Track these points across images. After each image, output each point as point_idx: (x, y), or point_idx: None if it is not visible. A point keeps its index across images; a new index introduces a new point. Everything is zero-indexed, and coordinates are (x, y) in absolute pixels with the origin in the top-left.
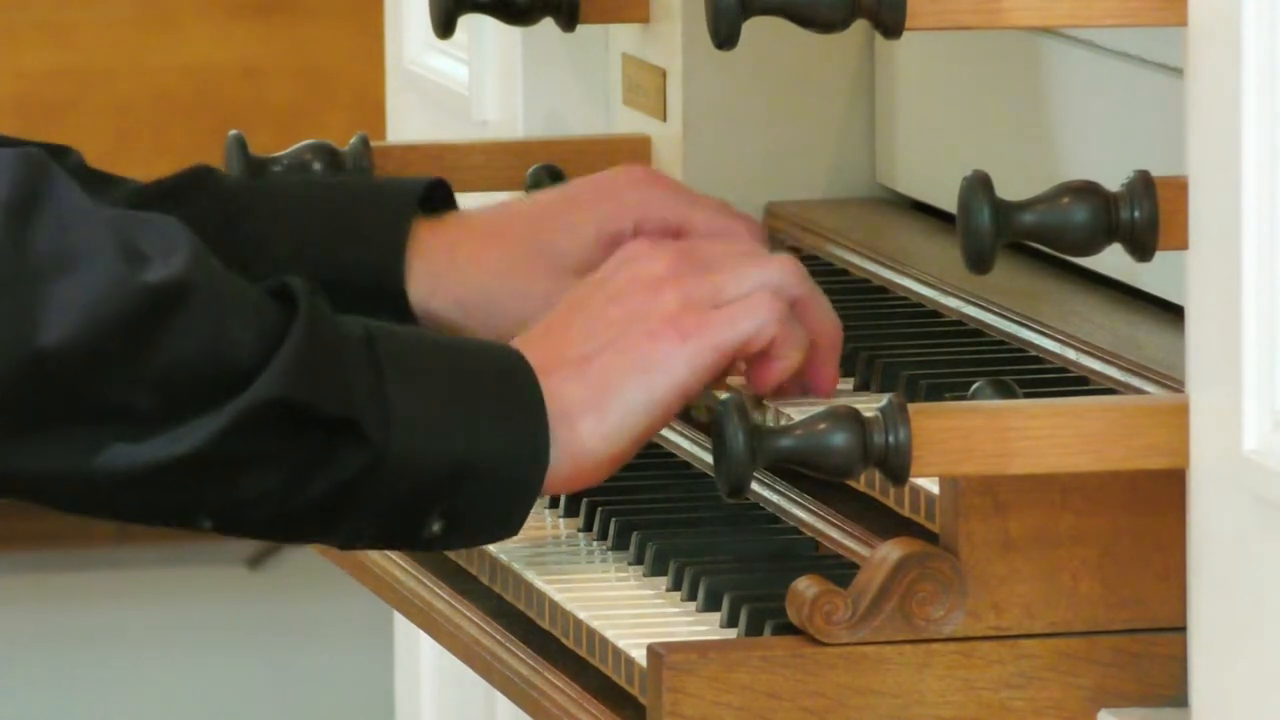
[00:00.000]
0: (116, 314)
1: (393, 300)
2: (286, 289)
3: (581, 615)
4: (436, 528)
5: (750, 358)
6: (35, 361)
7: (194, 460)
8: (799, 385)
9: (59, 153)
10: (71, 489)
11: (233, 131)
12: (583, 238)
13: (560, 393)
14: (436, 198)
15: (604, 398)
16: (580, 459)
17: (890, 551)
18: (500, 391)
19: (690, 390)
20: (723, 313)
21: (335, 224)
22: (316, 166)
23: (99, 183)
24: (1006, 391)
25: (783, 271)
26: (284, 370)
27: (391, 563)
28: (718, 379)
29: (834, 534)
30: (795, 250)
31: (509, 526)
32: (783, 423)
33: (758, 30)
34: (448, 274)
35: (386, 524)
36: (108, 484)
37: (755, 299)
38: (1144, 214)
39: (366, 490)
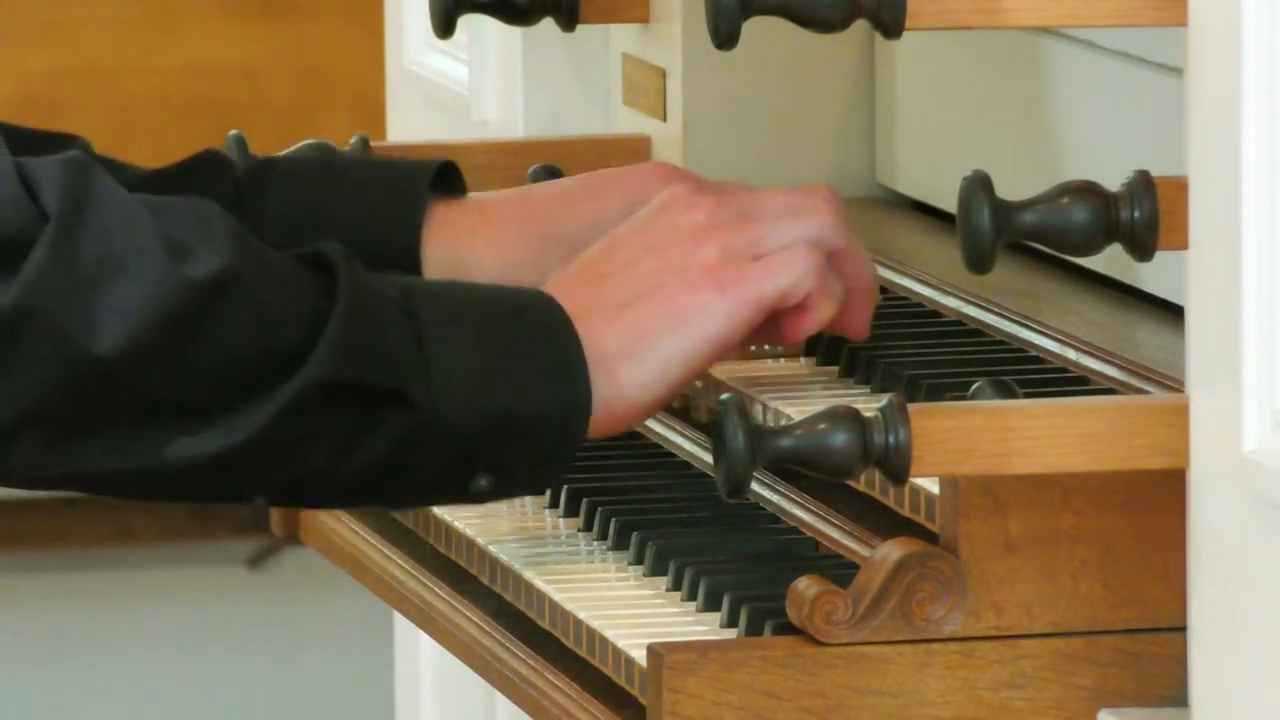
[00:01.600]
0: (167, 314)
1: None
2: (323, 257)
3: (581, 615)
4: (484, 482)
5: (785, 309)
6: (94, 371)
7: (252, 446)
8: (831, 331)
9: (63, 141)
10: (138, 482)
11: (233, 131)
12: (603, 229)
13: (596, 340)
14: (446, 179)
15: (640, 346)
16: (615, 405)
17: (890, 551)
18: (539, 342)
19: (727, 342)
20: (761, 265)
21: (349, 207)
22: None
23: (106, 169)
24: (1006, 391)
25: (821, 224)
26: (331, 349)
27: (391, 562)
28: (753, 331)
29: (834, 534)
30: None
31: (552, 477)
32: (783, 423)
33: (758, 30)
34: (465, 259)
35: (435, 483)
36: (172, 475)
37: (793, 252)
38: (1144, 214)
39: (414, 453)
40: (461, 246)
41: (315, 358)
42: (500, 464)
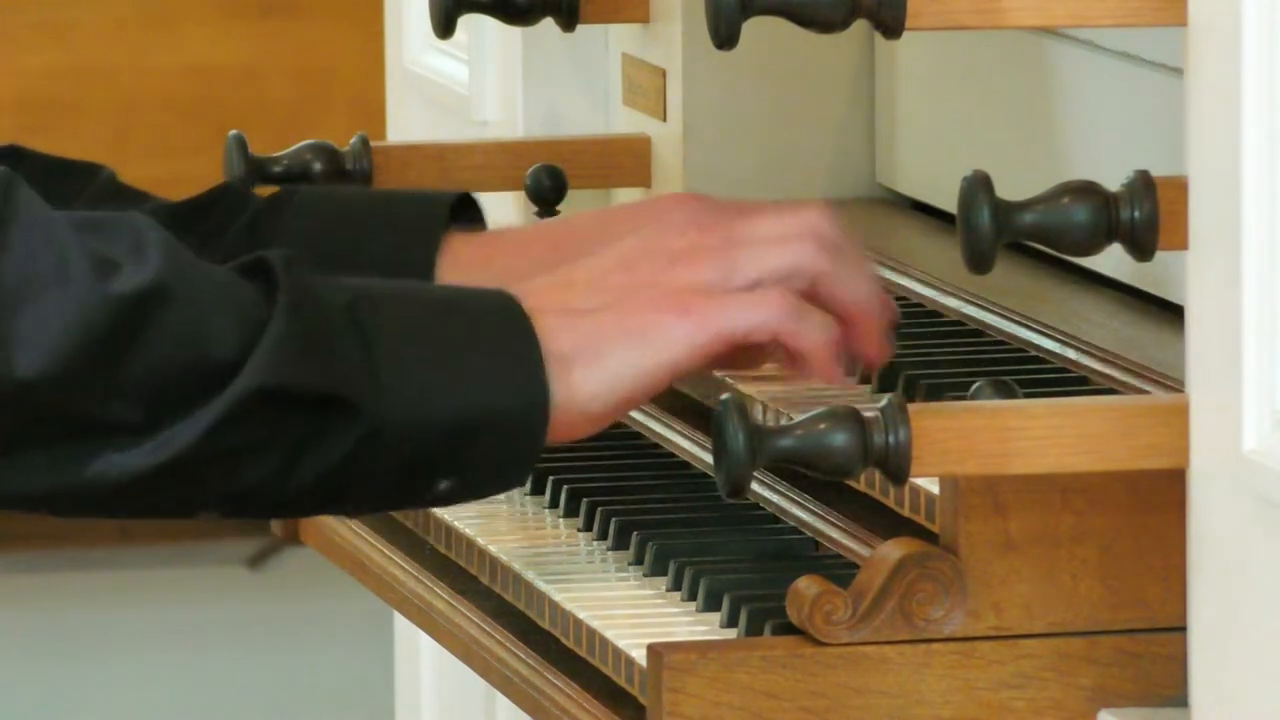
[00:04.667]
0: (91, 332)
1: None
2: (265, 265)
3: (581, 615)
4: (444, 486)
5: (782, 349)
6: (15, 394)
7: (185, 460)
8: (849, 363)
9: (91, 171)
10: (65, 501)
11: (233, 131)
12: None
13: (551, 339)
14: (464, 211)
15: (595, 354)
16: (565, 409)
17: (890, 551)
18: (495, 341)
19: (681, 368)
20: (728, 299)
21: (362, 242)
22: (317, 167)
23: (129, 199)
24: (1006, 391)
25: (801, 254)
26: (267, 357)
27: (391, 563)
28: (712, 363)
29: (834, 534)
30: None
31: (518, 477)
32: (783, 423)
33: (758, 30)
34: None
35: (393, 489)
36: (101, 493)
37: (763, 294)
38: (1144, 214)
39: (367, 461)
40: (479, 275)
41: (251, 366)
42: (461, 467)
